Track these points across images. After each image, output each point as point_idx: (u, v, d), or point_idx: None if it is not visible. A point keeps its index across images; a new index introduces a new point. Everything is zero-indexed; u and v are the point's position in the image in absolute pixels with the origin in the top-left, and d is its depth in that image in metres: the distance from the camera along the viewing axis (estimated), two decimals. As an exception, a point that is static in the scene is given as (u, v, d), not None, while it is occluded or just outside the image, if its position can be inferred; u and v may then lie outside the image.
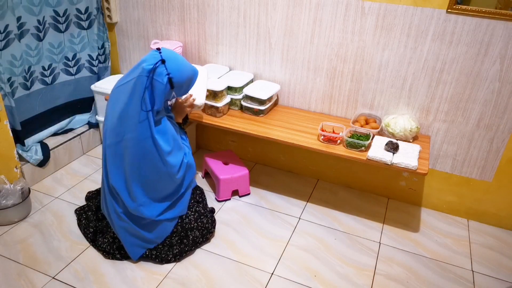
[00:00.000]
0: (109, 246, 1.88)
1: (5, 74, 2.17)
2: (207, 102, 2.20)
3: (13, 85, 2.24)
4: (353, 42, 2.10)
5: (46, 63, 2.42)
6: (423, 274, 1.90)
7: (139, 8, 2.54)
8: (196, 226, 1.91)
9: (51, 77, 2.47)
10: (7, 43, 2.13)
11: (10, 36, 2.13)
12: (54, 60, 2.46)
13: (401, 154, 1.92)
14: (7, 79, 2.18)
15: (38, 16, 2.27)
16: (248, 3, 2.23)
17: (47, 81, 2.46)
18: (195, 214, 1.92)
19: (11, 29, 2.12)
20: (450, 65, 1.96)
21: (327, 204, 2.33)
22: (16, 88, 2.27)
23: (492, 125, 2.01)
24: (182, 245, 1.89)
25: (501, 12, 1.78)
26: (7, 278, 1.76)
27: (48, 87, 2.47)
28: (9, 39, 2.13)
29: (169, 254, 1.87)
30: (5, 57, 2.15)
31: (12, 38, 2.14)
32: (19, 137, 2.25)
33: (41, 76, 2.41)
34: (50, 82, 2.48)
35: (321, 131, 2.04)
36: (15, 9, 2.13)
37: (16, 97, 2.27)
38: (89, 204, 2.14)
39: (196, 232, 1.91)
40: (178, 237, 1.88)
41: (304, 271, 1.88)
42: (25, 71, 2.29)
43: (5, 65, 2.16)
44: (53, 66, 2.47)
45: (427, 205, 2.34)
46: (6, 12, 2.06)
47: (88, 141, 2.71)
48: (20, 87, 2.29)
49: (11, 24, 2.11)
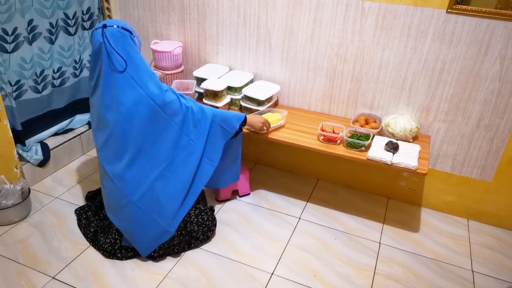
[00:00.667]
0: (110, 246, 1.88)
1: (13, 76, 2.16)
2: (208, 102, 2.20)
3: (22, 87, 2.23)
4: (353, 42, 2.10)
5: (56, 66, 2.41)
6: (423, 274, 1.90)
7: (139, 8, 2.54)
8: (196, 221, 1.93)
9: (59, 80, 2.46)
10: (17, 45, 2.12)
11: (19, 38, 2.12)
12: (64, 64, 2.45)
13: (401, 154, 1.92)
14: (15, 81, 2.18)
15: (50, 19, 2.26)
16: (248, 3, 2.23)
17: (55, 84, 2.45)
18: (196, 210, 1.94)
19: (20, 31, 2.11)
20: (450, 65, 1.96)
21: (327, 204, 2.33)
22: (26, 90, 2.26)
23: (492, 125, 2.01)
24: (181, 236, 1.90)
25: (501, 12, 1.78)
26: (7, 278, 1.76)
27: (56, 89, 2.47)
28: (18, 42, 2.12)
29: (170, 246, 1.88)
30: (14, 60, 2.14)
31: (21, 41, 2.14)
32: (20, 137, 2.25)
33: (52, 79, 2.41)
34: (58, 85, 2.47)
35: (321, 131, 2.04)
36: (26, 12, 2.12)
37: (23, 98, 2.26)
38: (89, 204, 2.14)
39: (195, 226, 1.92)
40: (178, 231, 1.89)
41: (304, 271, 1.88)
42: (36, 75, 2.28)
43: (14, 68, 2.16)
44: (63, 69, 2.46)
45: (427, 205, 2.34)
46: (14, 15, 2.05)
47: (88, 141, 2.71)
48: (30, 90, 2.28)
49: (20, 26, 2.10)
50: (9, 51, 2.11)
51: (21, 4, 2.09)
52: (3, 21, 2.02)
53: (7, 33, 2.06)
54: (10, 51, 2.11)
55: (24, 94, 2.27)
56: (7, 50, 2.10)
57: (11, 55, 2.12)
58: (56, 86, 2.46)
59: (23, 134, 2.27)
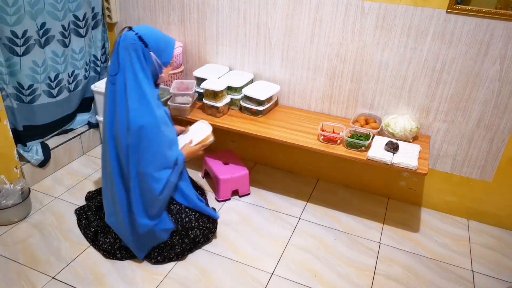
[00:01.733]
0: (110, 246, 1.88)
1: (26, 80, 2.15)
2: (208, 102, 2.20)
3: (36, 92, 2.22)
4: (353, 42, 2.10)
5: (70, 70, 2.40)
6: (423, 274, 1.90)
7: (139, 8, 2.54)
8: (197, 226, 1.91)
9: (73, 83, 2.45)
10: (27, 49, 2.11)
11: (30, 41, 2.10)
12: (76, 67, 2.44)
13: (401, 154, 1.92)
14: (28, 85, 2.16)
15: (62, 21, 2.24)
16: (248, 3, 2.23)
17: (71, 88, 2.44)
18: (196, 214, 1.92)
19: (30, 34, 2.09)
20: (450, 65, 1.96)
21: (327, 204, 2.33)
22: (39, 95, 2.25)
23: (492, 125, 2.01)
24: (184, 244, 1.89)
25: (501, 12, 1.78)
26: (7, 278, 1.76)
27: (71, 93, 2.46)
28: (29, 45, 2.11)
29: (171, 252, 1.87)
30: (26, 63, 2.12)
31: (32, 44, 2.12)
32: (21, 137, 2.25)
33: (67, 83, 2.39)
34: (73, 89, 2.46)
35: (321, 131, 2.04)
36: (38, 14, 2.10)
37: (37, 103, 2.26)
38: (89, 204, 2.14)
39: (197, 231, 1.91)
40: (178, 236, 1.88)
41: (304, 271, 1.88)
42: (50, 79, 2.27)
43: (26, 72, 2.14)
44: (76, 72, 2.44)
45: (427, 205, 2.34)
46: (23, 17, 2.03)
47: (88, 141, 2.71)
48: (44, 94, 2.27)
49: (31, 29, 2.08)
50: (19, 54, 2.09)
51: (32, 7, 2.06)
52: (11, 23, 2.00)
53: (17, 36, 2.04)
54: (21, 54, 2.09)
55: (38, 98, 2.25)
56: (17, 53, 2.08)
57: (21, 58, 2.10)
58: (71, 90, 2.45)
59: (24, 134, 2.27)
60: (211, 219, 1.98)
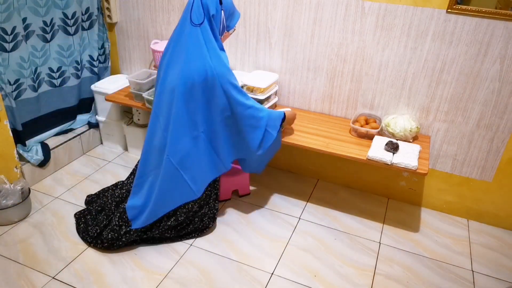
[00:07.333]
0: (116, 233, 1.88)
1: (13, 76, 2.16)
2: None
3: (21, 86, 2.24)
4: (353, 42, 2.10)
5: (54, 65, 2.41)
6: (423, 274, 1.90)
7: (139, 8, 2.54)
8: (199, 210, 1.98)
9: (60, 79, 2.47)
10: (16, 45, 2.13)
11: (18, 38, 2.13)
12: (63, 63, 2.45)
13: (401, 154, 1.92)
14: (14, 80, 2.18)
15: (44, 17, 2.26)
16: (248, 3, 2.23)
17: (55, 83, 2.45)
18: (202, 201, 1.97)
19: (18, 30, 2.11)
20: (450, 65, 1.96)
21: (327, 204, 2.33)
22: (25, 89, 2.26)
23: (492, 125, 2.01)
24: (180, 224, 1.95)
25: (501, 12, 1.78)
26: (7, 278, 1.76)
27: (56, 89, 2.47)
28: (17, 41, 2.13)
29: (168, 230, 1.94)
30: (13, 59, 2.15)
31: (20, 40, 2.14)
32: (21, 137, 2.25)
33: (48, 77, 2.40)
34: (59, 85, 2.48)
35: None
36: (20, 10, 2.12)
37: (22, 98, 2.26)
38: (89, 208, 2.13)
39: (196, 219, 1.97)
40: (174, 217, 1.93)
41: (304, 271, 1.88)
42: (33, 73, 2.29)
43: (14, 67, 2.16)
44: (63, 69, 2.46)
45: (427, 205, 2.34)
46: (12, 14, 2.05)
47: (88, 141, 2.71)
48: (29, 88, 2.29)
49: (18, 25, 2.11)
50: (8, 50, 2.11)
51: (18, 2, 2.09)
52: (2, 20, 2.02)
53: (6, 33, 2.06)
54: (9, 50, 2.11)
55: (24, 93, 2.27)
56: (6, 49, 2.10)
57: (10, 54, 2.12)
58: (56, 86, 2.46)
59: (24, 134, 2.27)
60: (212, 220, 2.04)
